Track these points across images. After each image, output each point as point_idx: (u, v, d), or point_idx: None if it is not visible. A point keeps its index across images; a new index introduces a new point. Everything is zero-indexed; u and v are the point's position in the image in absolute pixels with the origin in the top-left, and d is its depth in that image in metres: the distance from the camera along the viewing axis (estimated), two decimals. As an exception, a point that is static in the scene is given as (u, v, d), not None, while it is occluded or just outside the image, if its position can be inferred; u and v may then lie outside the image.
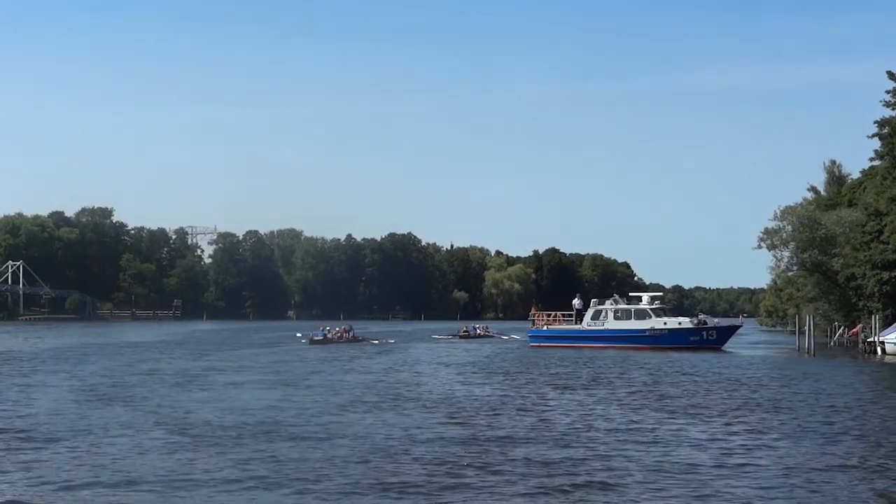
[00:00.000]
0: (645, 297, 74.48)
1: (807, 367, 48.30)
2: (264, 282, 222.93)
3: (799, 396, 31.76)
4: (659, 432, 22.65)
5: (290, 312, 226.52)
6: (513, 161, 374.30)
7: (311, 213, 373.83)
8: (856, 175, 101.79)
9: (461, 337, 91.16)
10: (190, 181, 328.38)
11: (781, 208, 76.39)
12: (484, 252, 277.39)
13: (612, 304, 71.92)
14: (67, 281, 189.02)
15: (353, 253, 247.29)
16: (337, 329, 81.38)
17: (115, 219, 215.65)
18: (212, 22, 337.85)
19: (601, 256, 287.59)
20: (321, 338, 76.31)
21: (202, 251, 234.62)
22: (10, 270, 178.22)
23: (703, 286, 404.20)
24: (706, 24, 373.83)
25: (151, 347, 67.56)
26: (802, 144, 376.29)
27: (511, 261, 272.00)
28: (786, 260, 77.93)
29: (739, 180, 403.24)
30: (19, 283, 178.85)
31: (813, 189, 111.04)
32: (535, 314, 78.11)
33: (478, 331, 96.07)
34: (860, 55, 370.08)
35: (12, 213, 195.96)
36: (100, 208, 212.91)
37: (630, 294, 79.76)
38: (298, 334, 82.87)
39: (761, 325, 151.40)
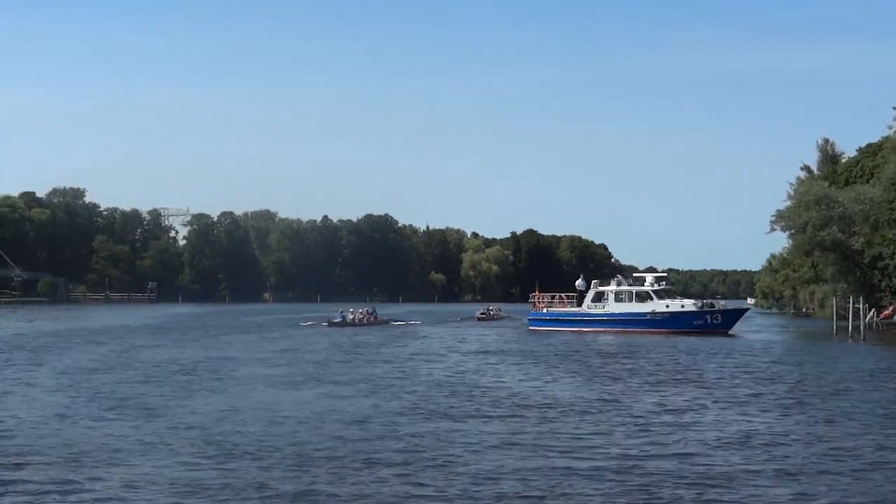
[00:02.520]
0: (649, 277, 72.18)
1: (883, 357, 44.17)
2: (239, 264, 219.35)
3: None
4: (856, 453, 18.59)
5: (266, 295, 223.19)
6: (489, 143, 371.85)
7: (285, 194, 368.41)
8: (851, 153, 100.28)
9: (479, 319, 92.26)
10: (162, 162, 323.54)
11: (794, 186, 73.97)
12: (461, 234, 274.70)
13: (614, 286, 69.50)
14: (39, 263, 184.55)
15: (329, 234, 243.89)
16: (361, 311, 78.71)
17: (87, 199, 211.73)
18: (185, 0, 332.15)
19: (579, 238, 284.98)
20: (339, 320, 73.70)
21: (176, 233, 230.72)
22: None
23: (675, 268, 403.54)
24: (676, 6, 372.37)
25: (137, 333, 63.97)
26: (781, 127, 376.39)
27: (488, 242, 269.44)
28: (796, 239, 75.03)
29: (715, 162, 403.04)
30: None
31: (806, 168, 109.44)
32: (535, 296, 75.38)
33: (492, 313, 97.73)
34: (835, 39, 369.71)
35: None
36: (72, 189, 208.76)
37: (634, 274, 77.48)
38: (310, 323, 78.17)
39: (757, 306, 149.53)
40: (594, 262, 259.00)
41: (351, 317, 75.71)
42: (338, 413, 23.24)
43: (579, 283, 72.63)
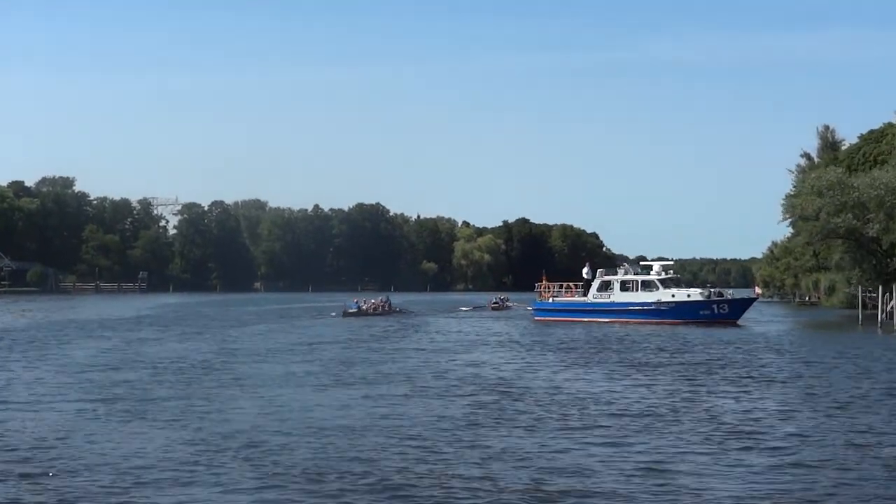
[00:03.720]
0: (656, 265, 70.94)
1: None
2: (230, 253, 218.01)
3: None
4: None
5: (257, 284, 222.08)
6: (480, 131, 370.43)
7: (276, 183, 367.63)
8: (850, 140, 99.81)
9: (492, 308, 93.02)
10: (152, 151, 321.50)
11: (797, 174, 73.00)
12: (452, 223, 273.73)
13: (620, 275, 68.44)
14: (28, 253, 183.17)
15: (320, 223, 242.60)
16: (373, 301, 77.79)
17: (76, 189, 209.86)
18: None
19: (571, 227, 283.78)
20: (355, 310, 72.93)
21: (167, 222, 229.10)
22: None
23: (665, 256, 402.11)
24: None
25: (135, 325, 62.19)
26: (774, 114, 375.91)
27: (480, 231, 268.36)
28: (801, 226, 73.90)
29: (708, 151, 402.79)
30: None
31: (806, 155, 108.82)
32: (542, 285, 74.00)
33: (504, 302, 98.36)
34: (833, 25, 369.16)
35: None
36: (61, 178, 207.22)
37: (641, 263, 76.35)
38: (333, 313, 76.13)
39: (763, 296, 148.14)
40: (586, 251, 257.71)
41: (366, 306, 74.85)
42: (390, 421, 20.53)
43: (586, 271, 71.28)
